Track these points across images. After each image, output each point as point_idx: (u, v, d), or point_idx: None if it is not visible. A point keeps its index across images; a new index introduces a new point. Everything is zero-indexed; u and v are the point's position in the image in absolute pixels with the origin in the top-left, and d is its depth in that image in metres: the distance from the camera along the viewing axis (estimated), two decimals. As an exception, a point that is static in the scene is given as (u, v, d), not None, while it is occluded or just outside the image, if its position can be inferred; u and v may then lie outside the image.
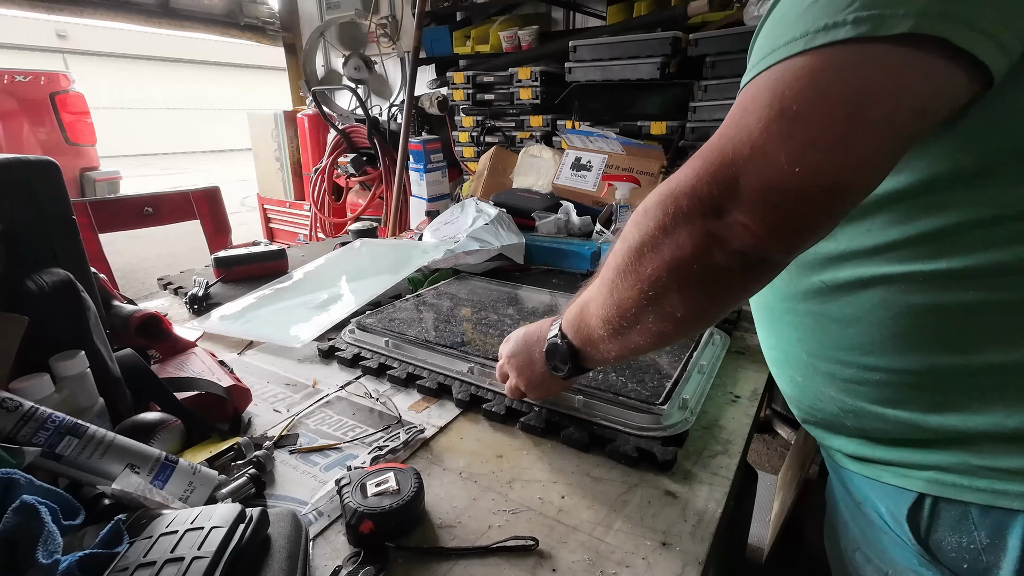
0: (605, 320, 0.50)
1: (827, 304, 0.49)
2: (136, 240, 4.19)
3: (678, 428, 0.63)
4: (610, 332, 0.51)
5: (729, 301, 0.45)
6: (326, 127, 3.04)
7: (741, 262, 0.39)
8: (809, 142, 0.34)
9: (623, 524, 0.52)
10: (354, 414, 0.71)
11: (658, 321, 0.46)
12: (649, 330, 0.47)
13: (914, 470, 0.46)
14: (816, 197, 0.35)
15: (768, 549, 1.37)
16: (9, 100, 3.64)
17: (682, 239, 0.40)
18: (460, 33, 2.35)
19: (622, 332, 0.49)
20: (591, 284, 0.53)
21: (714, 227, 0.38)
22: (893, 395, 0.47)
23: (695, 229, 0.39)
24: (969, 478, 0.43)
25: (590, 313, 0.53)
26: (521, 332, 0.66)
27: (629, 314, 0.47)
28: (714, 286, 0.42)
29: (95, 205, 1.57)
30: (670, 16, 1.75)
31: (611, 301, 0.48)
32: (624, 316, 0.48)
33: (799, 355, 0.54)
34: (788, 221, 0.37)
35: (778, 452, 1.96)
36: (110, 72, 12.31)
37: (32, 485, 0.41)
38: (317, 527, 0.52)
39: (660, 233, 0.41)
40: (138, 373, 0.66)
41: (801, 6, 0.36)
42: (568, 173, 1.64)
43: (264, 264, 1.24)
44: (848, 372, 0.49)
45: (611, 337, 0.51)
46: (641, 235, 0.43)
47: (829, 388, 0.52)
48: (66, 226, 0.66)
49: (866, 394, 0.49)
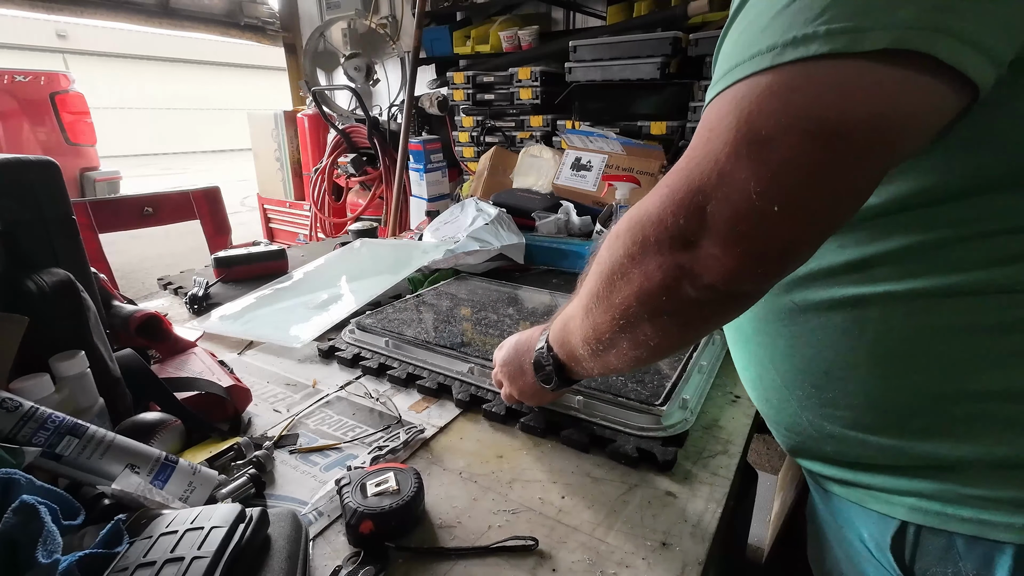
0: (584, 340, 0.50)
1: (799, 325, 0.47)
2: (136, 240, 4.19)
3: (678, 428, 0.63)
4: (589, 352, 0.50)
5: (704, 329, 0.44)
6: (326, 127, 3.04)
7: (712, 294, 0.37)
8: (782, 169, 0.31)
9: (623, 524, 0.52)
10: (354, 414, 0.71)
11: (633, 347, 0.45)
12: (625, 354, 0.47)
13: (897, 496, 0.44)
14: (791, 226, 0.33)
15: (768, 549, 1.37)
16: (9, 100, 3.64)
17: (650, 270, 0.38)
18: (460, 33, 2.35)
19: (600, 354, 0.49)
20: (572, 299, 0.52)
21: (683, 259, 0.36)
22: (873, 421, 0.45)
23: (664, 261, 0.37)
24: (954, 507, 0.41)
25: (570, 331, 0.52)
26: (513, 340, 0.66)
27: (604, 338, 0.47)
28: (686, 317, 0.41)
29: (95, 205, 1.57)
30: (670, 16, 1.75)
31: (588, 323, 0.48)
32: (600, 340, 0.47)
33: (772, 377, 0.52)
34: (761, 252, 0.34)
35: (778, 452, 1.96)
36: (110, 72, 12.31)
37: (32, 485, 0.41)
38: (317, 527, 0.52)
39: (629, 262, 0.40)
40: (138, 373, 0.66)
41: (769, 13, 0.33)
42: (568, 173, 1.64)
43: (264, 264, 1.24)
44: (824, 396, 0.47)
45: (591, 356, 0.51)
46: (611, 262, 0.42)
47: (805, 412, 0.50)
48: (66, 226, 0.66)
49: (843, 419, 0.46)
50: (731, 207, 0.33)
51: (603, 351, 0.48)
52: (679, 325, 0.42)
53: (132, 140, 12.33)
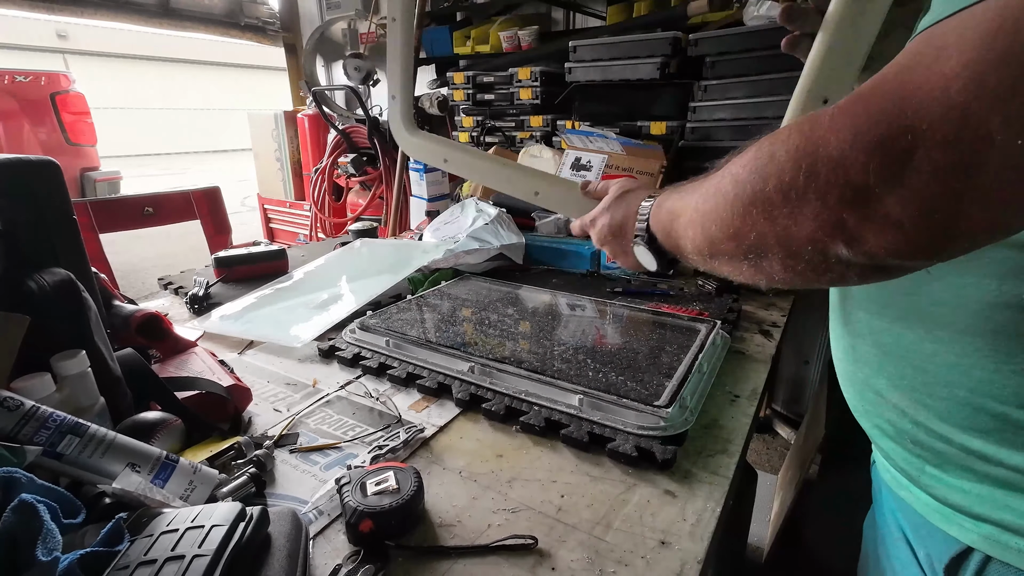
0: (695, 248, 0.44)
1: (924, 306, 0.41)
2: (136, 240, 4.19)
3: (678, 428, 0.63)
4: (700, 259, 0.45)
5: (838, 284, 0.37)
6: (326, 127, 3.04)
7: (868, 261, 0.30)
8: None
9: (622, 523, 0.52)
10: (354, 413, 0.71)
11: (753, 273, 0.39)
12: (741, 272, 0.41)
13: (971, 520, 0.41)
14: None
15: (768, 549, 1.37)
16: (9, 100, 3.64)
17: (804, 218, 0.30)
18: (460, 33, 2.36)
19: (711, 263, 0.43)
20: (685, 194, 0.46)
21: (850, 218, 0.28)
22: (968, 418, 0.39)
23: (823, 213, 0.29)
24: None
25: (679, 232, 0.46)
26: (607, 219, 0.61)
27: (722, 256, 0.41)
28: (825, 271, 0.34)
29: (96, 205, 1.57)
30: (670, 16, 1.75)
31: (703, 236, 0.42)
32: (716, 254, 0.41)
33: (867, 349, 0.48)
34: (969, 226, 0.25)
35: (778, 452, 1.96)
36: (110, 72, 12.31)
37: (33, 484, 0.41)
38: (317, 526, 0.52)
39: (779, 198, 0.32)
40: (139, 373, 0.66)
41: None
42: (568, 173, 1.64)
43: (264, 264, 1.24)
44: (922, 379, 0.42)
45: (700, 261, 0.45)
46: (753, 190, 0.34)
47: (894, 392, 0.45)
48: (67, 226, 0.66)
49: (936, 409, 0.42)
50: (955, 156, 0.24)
51: (717, 263, 0.43)
52: (815, 274, 0.34)
53: (132, 140, 12.33)
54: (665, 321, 0.91)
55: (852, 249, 0.30)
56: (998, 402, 0.39)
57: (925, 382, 0.43)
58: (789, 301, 1.09)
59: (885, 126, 0.26)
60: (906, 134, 0.25)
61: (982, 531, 0.40)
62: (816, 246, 0.31)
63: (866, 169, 0.27)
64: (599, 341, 0.87)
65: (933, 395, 0.43)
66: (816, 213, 0.30)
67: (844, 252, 0.30)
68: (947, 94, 0.24)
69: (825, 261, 0.32)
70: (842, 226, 0.29)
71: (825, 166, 0.29)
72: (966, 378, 0.40)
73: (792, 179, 0.31)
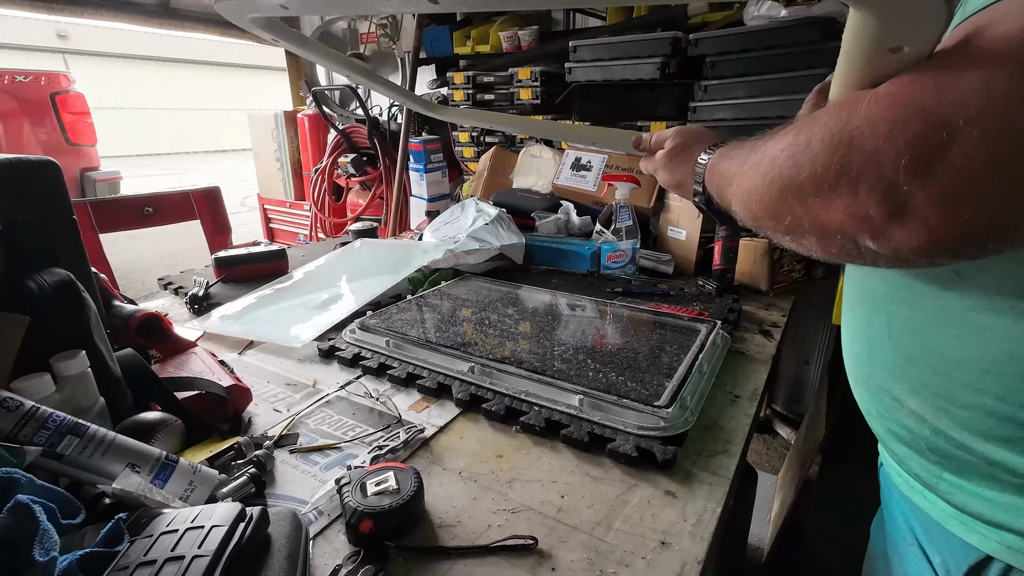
0: (743, 216, 0.45)
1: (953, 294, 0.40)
2: (136, 240, 4.20)
3: (678, 428, 0.63)
4: (746, 216, 0.45)
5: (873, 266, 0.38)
6: (326, 127, 3.04)
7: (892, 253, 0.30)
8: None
9: (623, 524, 0.52)
10: (354, 414, 0.71)
11: (793, 242, 0.40)
12: (787, 243, 0.42)
13: (991, 528, 0.40)
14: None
15: (768, 549, 1.37)
16: (9, 100, 3.64)
17: (834, 206, 0.30)
18: (460, 33, 2.35)
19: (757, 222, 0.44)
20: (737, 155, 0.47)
21: (878, 214, 0.28)
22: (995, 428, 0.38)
23: (854, 203, 0.29)
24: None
25: (729, 197, 0.47)
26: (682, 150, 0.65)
27: (764, 224, 0.42)
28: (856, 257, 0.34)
29: (95, 205, 1.57)
30: (670, 16, 1.75)
31: (747, 209, 0.43)
32: (759, 222, 0.43)
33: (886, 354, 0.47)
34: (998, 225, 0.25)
35: (778, 452, 1.96)
36: (110, 72, 12.31)
37: (33, 485, 0.41)
38: (317, 526, 0.52)
39: (812, 185, 0.32)
40: (138, 373, 0.66)
41: None
42: (568, 173, 1.64)
43: (264, 264, 1.24)
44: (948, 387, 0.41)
45: (746, 218, 0.46)
46: (789, 175, 0.34)
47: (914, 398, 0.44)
48: (67, 226, 0.66)
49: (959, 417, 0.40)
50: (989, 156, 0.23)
51: (761, 226, 0.43)
52: (848, 257, 0.35)
53: (132, 140, 12.33)
54: (665, 321, 0.91)
55: (878, 242, 0.30)
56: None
57: (950, 389, 0.42)
58: (789, 301, 1.09)
59: (922, 120, 0.25)
60: (943, 130, 0.24)
61: (1004, 540, 0.39)
62: (846, 235, 0.32)
63: (897, 164, 0.26)
64: (599, 341, 0.86)
65: (957, 403, 0.42)
66: (846, 205, 0.30)
67: (870, 244, 0.31)
68: (988, 89, 0.23)
69: (856, 248, 0.33)
70: (869, 221, 0.29)
71: (859, 159, 0.28)
72: (996, 386, 0.39)
73: (825, 170, 0.30)
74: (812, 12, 1.40)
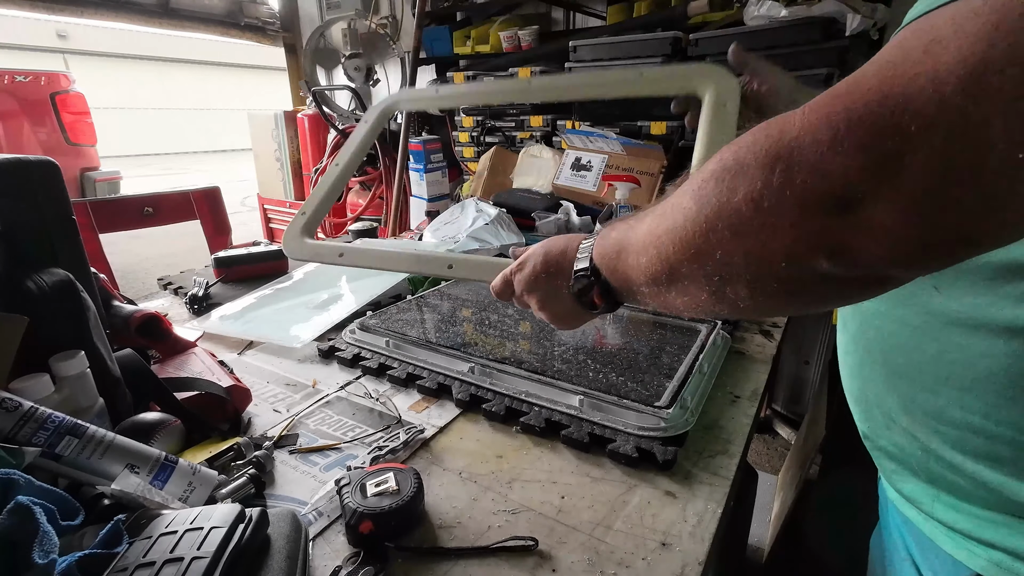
0: (651, 277, 0.39)
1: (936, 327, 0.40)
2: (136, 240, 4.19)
3: (678, 428, 0.63)
4: (652, 290, 0.40)
5: (814, 308, 0.34)
6: (326, 127, 3.04)
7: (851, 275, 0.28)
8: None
9: (623, 524, 0.52)
10: (354, 414, 0.71)
11: (714, 302, 0.35)
12: (699, 306, 0.37)
13: (980, 546, 0.39)
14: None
15: (768, 549, 1.37)
16: (9, 100, 3.64)
17: (780, 229, 0.27)
18: (460, 33, 2.35)
19: (666, 294, 0.39)
20: (633, 221, 0.42)
21: (835, 224, 0.25)
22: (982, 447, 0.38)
23: (803, 222, 0.26)
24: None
25: (629, 262, 0.42)
26: (540, 254, 0.53)
27: (680, 284, 0.36)
28: (800, 290, 0.30)
29: (95, 205, 1.57)
30: (670, 16, 1.75)
31: (659, 260, 0.37)
32: (673, 282, 0.37)
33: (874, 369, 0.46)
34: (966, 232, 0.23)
35: (778, 452, 1.96)
36: (110, 72, 12.31)
37: (31, 485, 0.41)
38: (317, 527, 0.52)
39: (749, 208, 0.28)
40: (138, 373, 0.66)
41: None
42: (568, 173, 1.64)
43: (264, 264, 1.24)
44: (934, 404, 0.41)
45: (650, 293, 0.41)
46: (719, 202, 0.30)
47: (904, 416, 0.44)
48: (66, 226, 0.66)
49: (948, 436, 0.40)
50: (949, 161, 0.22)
51: (672, 293, 0.38)
52: (788, 293, 0.31)
53: (132, 140, 12.33)
54: (665, 322, 0.91)
55: (836, 260, 0.27)
56: (1016, 430, 0.37)
57: (938, 406, 0.41)
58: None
59: (868, 126, 0.24)
60: (894, 135, 0.23)
61: (992, 558, 0.39)
62: (794, 261, 0.28)
63: (848, 172, 0.24)
64: (599, 342, 0.86)
65: (945, 420, 0.41)
66: (795, 222, 0.27)
67: (826, 265, 0.27)
68: (941, 93, 0.22)
69: (802, 279, 0.29)
70: (825, 235, 0.26)
71: (802, 170, 0.26)
72: (980, 403, 0.38)
73: (765, 187, 0.27)
74: (812, 12, 1.40)
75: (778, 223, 0.27)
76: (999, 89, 0.21)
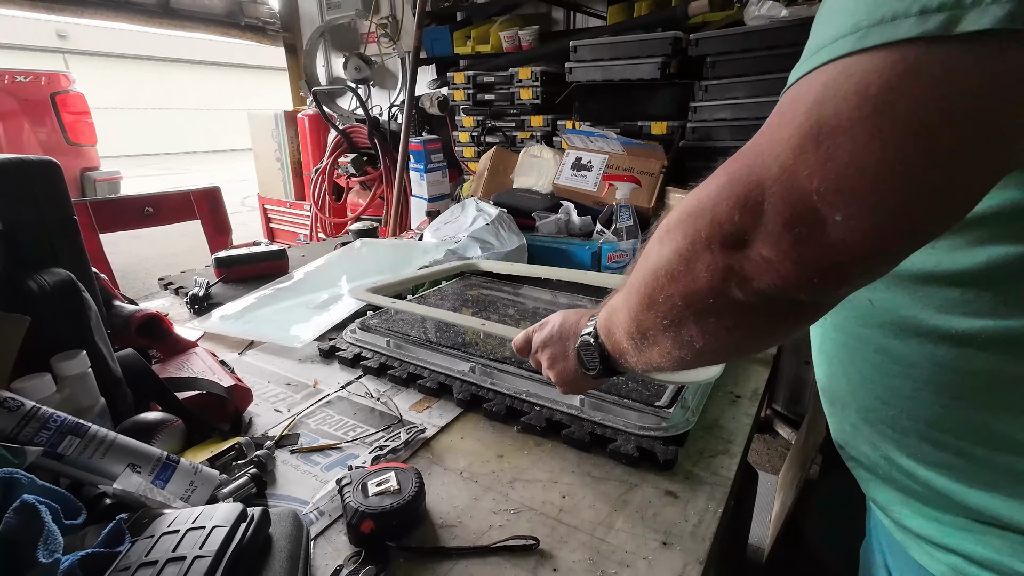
0: (628, 334, 0.46)
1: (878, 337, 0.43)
2: (137, 240, 4.20)
3: (679, 428, 0.63)
4: (633, 347, 0.46)
5: (760, 337, 0.39)
6: (326, 127, 3.04)
7: (763, 300, 0.33)
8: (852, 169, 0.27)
9: (624, 524, 0.52)
10: (355, 414, 0.71)
11: (676, 347, 0.41)
12: (669, 353, 0.42)
13: (941, 551, 0.41)
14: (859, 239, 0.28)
15: (768, 549, 1.37)
16: (10, 100, 3.64)
17: (698, 270, 0.34)
18: (460, 33, 2.35)
19: (643, 349, 0.45)
20: (621, 288, 0.48)
21: (733, 260, 0.32)
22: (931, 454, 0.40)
23: (712, 260, 0.33)
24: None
25: (615, 323, 0.48)
26: (558, 320, 0.60)
27: (648, 334, 0.42)
28: (736, 320, 0.36)
29: (96, 205, 1.57)
30: (670, 16, 1.75)
31: (630, 317, 0.44)
32: (644, 335, 0.43)
33: (839, 379, 0.49)
34: (820, 261, 0.29)
35: (778, 452, 1.96)
36: (110, 72, 12.31)
37: (34, 485, 0.41)
38: (318, 527, 0.52)
39: (676, 259, 0.36)
40: (139, 373, 0.66)
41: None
42: (568, 173, 1.64)
43: (265, 264, 1.24)
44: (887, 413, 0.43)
45: (635, 351, 0.46)
46: (657, 258, 0.38)
47: (867, 426, 0.46)
48: (67, 226, 0.66)
49: (902, 444, 0.42)
50: (789, 207, 0.29)
51: (647, 347, 0.44)
52: (727, 328, 0.37)
53: (132, 140, 12.33)
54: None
55: (745, 289, 0.33)
56: (954, 436, 0.39)
57: (890, 416, 0.43)
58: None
59: (742, 184, 0.31)
60: (757, 188, 0.30)
61: (952, 563, 0.41)
62: (716, 295, 0.34)
63: (732, 219, 0.31)
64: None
65: (898, 429, 0.43)
66: (707, 263, 0.34)
67: (739, 294, 0.33)
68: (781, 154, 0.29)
69: (730, 310, 0.35)
70: (729, 268, 0.33)
71: (703, 221, 0.33)
72: (924, 411, 0.41)
73: (683, 237, 0.35)
74: (812, 12, 1.40)
75: (696, 265, 0.34)
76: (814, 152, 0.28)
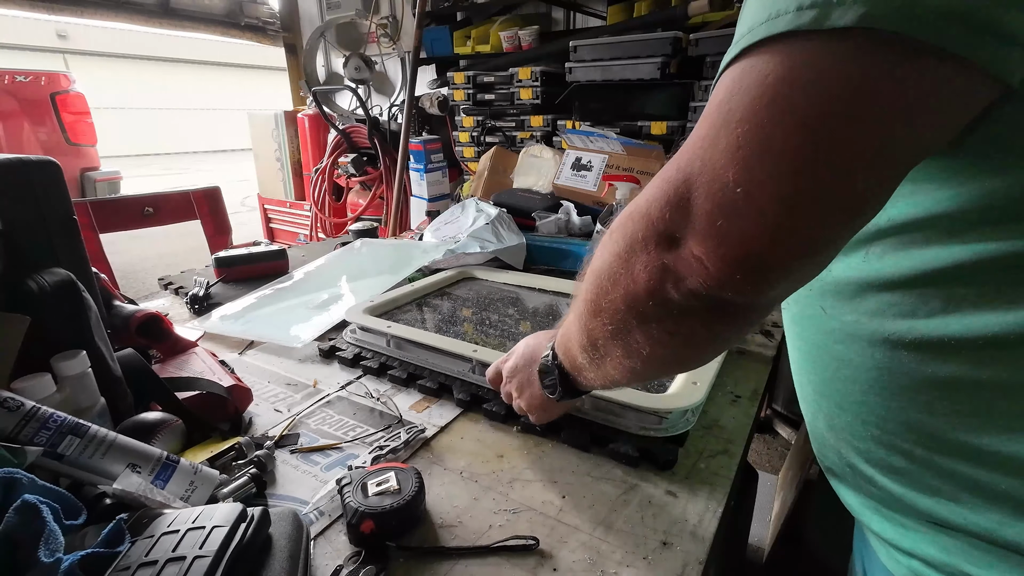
0: (581, 346, 0.45)
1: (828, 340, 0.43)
2: (136, 240, 4.19)
3: (679, 428, 0.63)
4: (587, 361, 0.46)
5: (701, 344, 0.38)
6: (326, 127, 3.04)
7: (697, 302, 0.33)
8: (759, 159, 0.27)
9: (624, 524, 0.52)
10: (355, 414, 0.71)
11: (626, 356, 0.41)
12: (621, 364, 0.42)
13: (902, 554, 0.42)
14: (772, 230, 0.28)
15: (768, 549, 1.37)
16: (10, 100, 3.64)
17: (636, 271, 0.34)
18: (460, 33, 2.36)
19: (597, 362, 0.45)
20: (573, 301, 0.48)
21: (667, 259, 0.32)
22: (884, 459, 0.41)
23: (648, 260, 0.33)
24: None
25: (569, 338, 0.48)
26: (522, 347, 0.60)
27: (598, 343, 0.43)
28: (675, 326, 0.36)
29: (96, 205, 1.57)
30: (670, 16, 1.75)
31: (581, 327, 0.44)
32: (594, 345, 0.43)
33: (804, 385, 0.49)
34: (740, 255, 0.29)
35: (778, 452, 1.96)
36: (110, 72, 12.31)
37: (34, 485, 0.41)
38: (318, 527, 0.52)
39: (617, 262, 0.36)
40: (139, 373, 0.66)
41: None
42: (568, 173, 1.64)
43: (264, 264, 1.24)
44: (844, 419, 0.43)
45: (590, 365, 0.46)
46: (601, 262, 0.38)
47: (832, 432, 0.46)
48: (67, 226, 0.66)
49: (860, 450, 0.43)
50: (711, 199, 0.29)
51: (599, 359, 0.44)
52: (669, 333, 0.37)
53: (132, 140, 12.33)
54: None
55: (678, 289, 0.33)
56: (899, 439, 0.39)
57: (848, 421, 0.44)
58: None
59: (673, 182, 0.31)
60: (684, 184, 0.30)
61: (911, 566, 0.41)
62: (654, 297, 0.34)
63: (665, 217, 0.32)
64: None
65: (855, 435, 0.43)
66: (644, 263, 0.34)
67: (674, 294, 0.33)
68: (703, 152, 0.30)
69: (669, 313, 0.35)
70: (664, 267, 0.33)
71: (640, 222, 0.34)
72: (874, 416, 0.41)
73: (622, 239, 0.35)
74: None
75: (634, 266, 0.35)
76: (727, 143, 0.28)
